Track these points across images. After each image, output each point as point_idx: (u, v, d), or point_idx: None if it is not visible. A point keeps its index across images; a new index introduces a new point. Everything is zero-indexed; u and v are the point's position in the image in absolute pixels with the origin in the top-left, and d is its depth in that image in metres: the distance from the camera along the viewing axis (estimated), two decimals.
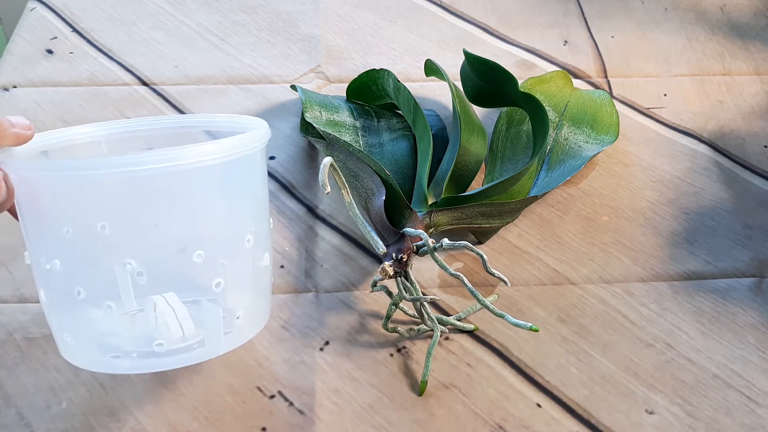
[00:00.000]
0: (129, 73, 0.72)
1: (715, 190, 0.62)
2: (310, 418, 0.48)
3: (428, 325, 0.51)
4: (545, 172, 0.62)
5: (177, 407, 0.49)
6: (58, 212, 0.44)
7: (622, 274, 0.56)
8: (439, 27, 0.78)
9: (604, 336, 0.53)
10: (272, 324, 0.53)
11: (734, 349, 0.52)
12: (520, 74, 0.71)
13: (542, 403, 0.49)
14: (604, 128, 0.65)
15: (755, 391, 0.50)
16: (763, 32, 0.77)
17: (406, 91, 0.62)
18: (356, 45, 0.75)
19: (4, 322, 0.53)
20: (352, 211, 0.50)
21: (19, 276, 0.56)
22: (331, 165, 0.47)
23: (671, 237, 0.59)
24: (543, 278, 0.56)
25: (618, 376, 0.50)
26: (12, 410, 0.49)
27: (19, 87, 0.70)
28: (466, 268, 0.57)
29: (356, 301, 0.55)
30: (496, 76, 0.62)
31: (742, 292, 0.55)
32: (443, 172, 0.59)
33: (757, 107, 0.70)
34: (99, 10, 0.78)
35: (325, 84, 0.71)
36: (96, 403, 0.49)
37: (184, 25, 0.77)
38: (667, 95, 0.70)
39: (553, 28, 0.78)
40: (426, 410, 0.49)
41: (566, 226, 0.59)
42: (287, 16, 0.79)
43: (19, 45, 0.75)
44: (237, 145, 0.45)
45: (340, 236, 0.59)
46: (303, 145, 0.66)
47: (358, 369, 0.51)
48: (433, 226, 0.55)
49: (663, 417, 0.49)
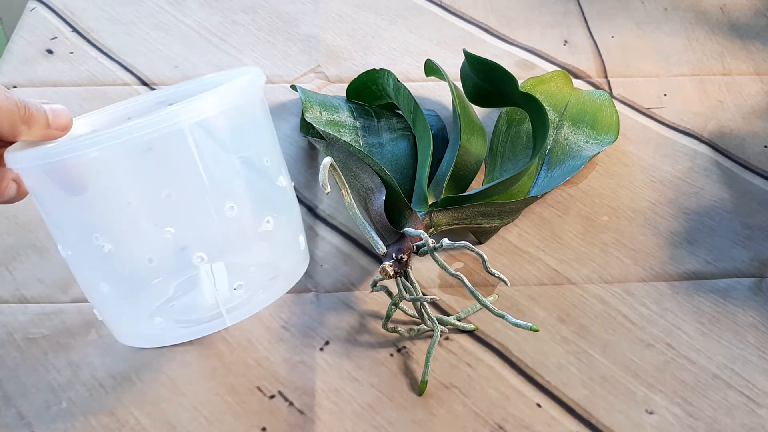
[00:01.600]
0: (129, 73, 0.72)
1: (715, 190, 0.62)
2: (310, 418, 0.48)
3: (428, 325, 0.51)
4: (545, 172, 0.62)
5: (177, 407, 0.49)
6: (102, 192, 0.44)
7: (622, 274, 0.56)
8: (439, 27, 0.78)
9: (604, 336, 0.53)
10: (272, 324, 0.53)
11: (734, 349, 0.52)
12: (520, 74, 0.71)
13: (542, 403, 0.49)
14: (604, 128, 0.65)
15: (755, 391, 0.50)
16: (763, 32, 0.77)
17: (406, 91, 0.62)
18: (356, 45, 0.75)
19: (4, 322, 0.53)
20: (352, 211, 0.50)
21: (19, 276, 0.56)
22: (331, 165, 0.47)
23: (671, 237, 0.59)
24: (543, 278, 0.56)
25: (618, 376, 0.50)
26: (12, 410, 0.49)
27: (19, 87, 0.70)
28: (466, 268, 0.57)
29: (356, 301, 0.55)
30: (496, 76, 0.62)
31: (742, 292, 0.55)
32: (443, 172, 0.59)
33: (757, 107, 0.69)
34: (99, 10, 0.78)
35: (325, 84, 0.71)
36: (96, 403, 0.49)
37: (184, 25, 0.77)
38: (667, 95, 0.70)
39: (553, 28, 0.78)
40: (426, 410, 0.49)
41: (566, 226, 0.59)
42: (287, 16, 0.79)
43: (19, 45, 0.75)
44: (233, 91, 0.44)
45: (340, 236, 0.59)
46: (303, 145, 0.66)
47: (358, 369, 0.51)
48: (433, 226, 0.55)
49: (663, 417, 0.49)
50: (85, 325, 0.53)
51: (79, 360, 0.51)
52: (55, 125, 0.45)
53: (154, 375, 0.50)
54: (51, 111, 0.45)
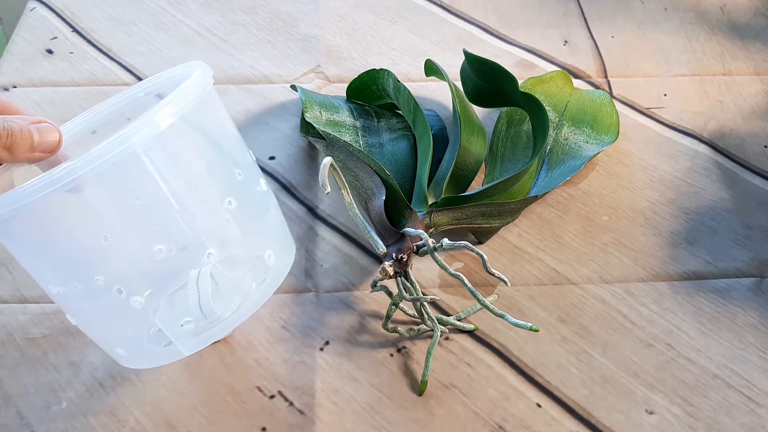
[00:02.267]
0: (129, 73, 0.72)
1: (715, 190, 0.62)
2: (310, 418, 0.48)
3: (428, 325, 0.51)
4: (545, 172, 0.62)
5: (177, 407, 0.49)
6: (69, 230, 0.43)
7: (622, 274, 0.56)
8: (439, 27, 0.78)
9: (604, 336, 0.53)
10: (272, 324, 0.53)
11: (734, 349, 0.52)
12: (520, 74, 0.71)
13: (542, 403, 0.49)
14: (604, 128, 0.65)
15: (755, 391, 0.50)
16: (763, 32, 0.77)
17: (406, 91, 0.62)
18: (356, 45, 0.75)
19: (4, 323, 0.53)
20: (352, 211, 0.50)
21: (19, 276, 0.56)
22: (331, 165, 0.47)
23: (671, 237, 0.59)
24: (543, 278, 0.56)
25: (618, 376, 0.50)
26: (12, 410, 0.49)
27: (19, 87, 0.70)
28: (466, 268, 0.57)
29: (356, 301, 0.55)
30: (496, 76, 0.62)
31: (742, 292, 0.55)
32: (443, 172, 0.59)
33: (757, 107, 0.70)
34: (99, 10, 0.78)
35: (325, 84, 0.71)
36: (96, 403, 0.49)
37: (184, 25, 0.77)
38: (667, 95, 0.70)
39: (553, 28, 0.78)
40: (426, 410, 0.49)
41: (566, 226, 0.59)
42: (287, 16, 0.79)
43: (19, 45, 0.75)
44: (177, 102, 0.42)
45: (340, 236, 0.59)
46: (303, 145, 0.66)
47: (358, 369, 0.51)
48: (433, 226, 0.55)
49: (663, 417, 0.49)
50: None
51: (79, 360, 0.51)
52: (40, 148, 0.43)
53: (154, 375, 0.50)
54: (38, 131, 0.43)
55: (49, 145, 0.44)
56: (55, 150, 0.44)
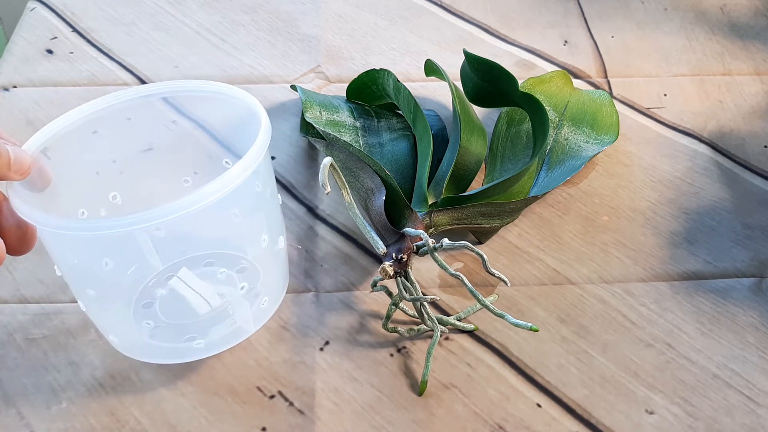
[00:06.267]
0: (129, 73, 0.72)
1: (715, 190, 0.62)
2: (310, 418, 0.48)
3: (428, 325, 0.51)
4: (545, 172, 0.62)
5: (177, 407, 0.49)
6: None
7: (622, 274, 0.56)
8: (439, 27, 0.78)
9: (604, 336, 0.53)
10: (272, 324, 0.53)
11: (734, 349, 0.52)
12: (520, 74, 0.71)
13: (542, 403, 0.49)
14: (604, 128, 0.65)
15: (755, 391, 0.50)
16: (763, 32, 0.77)
17: (406, 91, 0.62)
18: (356, 45, 0.75)
19: (4, 323, 0.53)
20: (352, 211, 0.50)
21: (19, 276, 0.56)
22: (331, 165, 0.47)
23: (671, 237, 0.59)
24: (543, 278, 0.56)
25: (618, 376, 0.50)
26: (12, 410, 0.49)
27: (19, 87, 0.70)
28: (466, 268, 0.57)
29: (356, 301, 0.55)
30: (496, 76, 0.62)
31: (742, 292, 0.55)
32: (443, 172, 0.59)
33: (757, 107, 0.70)
34: (99, 10, 0.78)
35: (325, 84, 0.71)
36: (96, 403, 0.49)
37: (184, 25, 0.77)
38: (667, 95, 0.71)
39: (553, 28, 0.78)
40: (426, 410, 0.49)
41: (566, 226, 0.59)
42: (287, 16, 0.79)
43: (19, 45, 0.75)
44: (240, 172, 0.44)
45: (340, 236, 0.59)
46: (303, 145, 0.66)
47: (358, 369, 0.51)
48: (433, 226, 0.55)
49: (663, 417, 0.49)
50: (85, 325, 0.53)
51: (79, 360, 0.51)
52: (14, 168, 0.44)
53: (154, 375, 0.50)
54: (13, 153, 0.44)
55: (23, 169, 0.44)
56: (26, 175, 0.45)
